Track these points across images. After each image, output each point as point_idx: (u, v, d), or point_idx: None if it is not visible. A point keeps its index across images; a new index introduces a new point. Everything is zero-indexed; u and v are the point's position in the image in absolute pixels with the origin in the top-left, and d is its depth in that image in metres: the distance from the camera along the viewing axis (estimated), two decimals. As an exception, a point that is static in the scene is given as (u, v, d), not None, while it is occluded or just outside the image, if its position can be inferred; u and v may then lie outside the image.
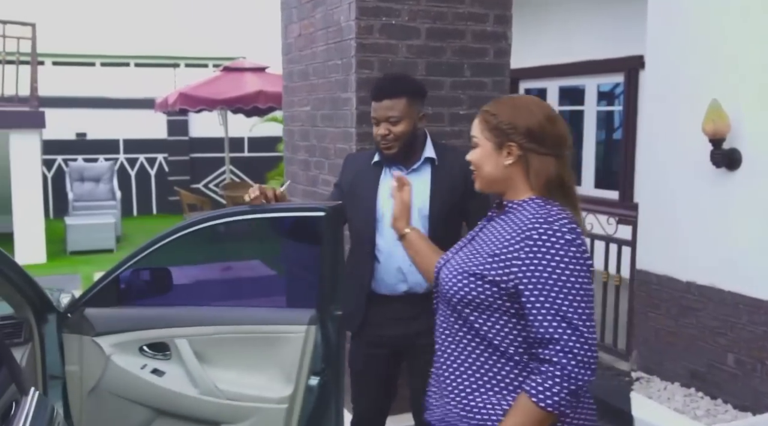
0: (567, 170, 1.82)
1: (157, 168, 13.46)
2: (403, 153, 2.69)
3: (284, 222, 2.74)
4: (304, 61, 4.14)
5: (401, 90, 2.65)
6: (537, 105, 1.84)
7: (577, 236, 1.71)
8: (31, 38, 9.19)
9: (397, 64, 3.61)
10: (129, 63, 13.35)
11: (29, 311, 2.92)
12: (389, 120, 2.64)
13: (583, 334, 1.64)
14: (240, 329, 2.72)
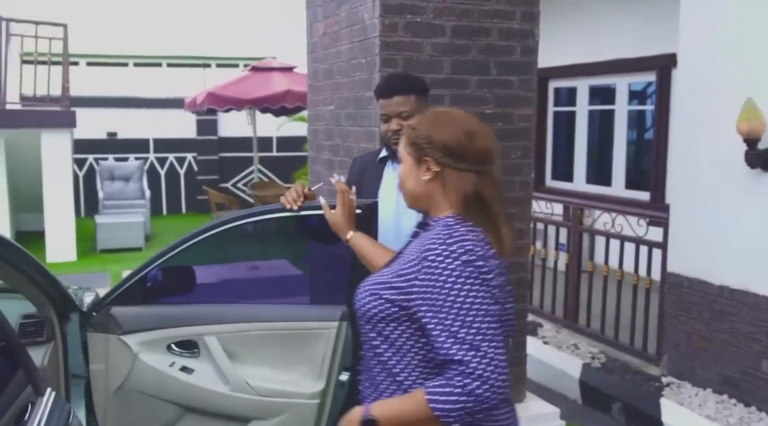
0: (489, 187, 1.76)
1: (186, 167, 13.55)
2: None
3: (315, 220, 2.72)
4: (329, 59, 4.11)
5: (411, 87, 2.75)
6: (458, 119, 1.80)
7: (478, 257, 1.66)
8: (62, 39, 9.27)
9: (422, 63, 3.56)
10: (161, 63, 13.48)
11: (51, 310, 2.93)
12: (401, 115, 2.70)
13: (486, 354, 1.60)
14: (270, 326, 2.72)
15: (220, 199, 11.07)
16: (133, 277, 2.93)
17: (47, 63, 9.16)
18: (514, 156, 3.81)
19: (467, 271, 1.64)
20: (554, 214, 6.29)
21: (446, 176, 1.75)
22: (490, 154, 1.77)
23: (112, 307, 2.89)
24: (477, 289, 1.64)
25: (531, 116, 3.84)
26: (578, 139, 8.56)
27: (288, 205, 2.62)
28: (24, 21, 9.07)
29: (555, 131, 9.02)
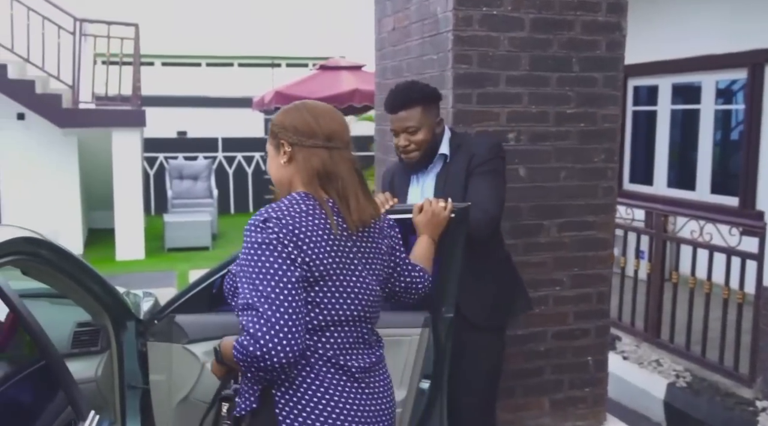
0: (340, 162, 1.86)
1: (254, 166, 13.58)
2: (424, 160, 2.81)
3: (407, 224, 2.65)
4: (398, 56, 3.89)
5: (414, 99, 2.72)
6: (307, 105, 1.92)
7: (275, 225, 1.74)
8: (134, 38, 9.34)
9: (498, 59, 3.30)
10: (233, 63, 13.56)
11: (107, 318, 2.82)
12: (407, 130, 2.73)
13: (262, 315, 1.66)
14: None
15: (287, 199, 11.01)
16: (198, 284, 2.80)
17: (119, 63, 9.23)
18: (597, 159, 3.52)
19: (259, 238, 1.73)
20: (635, 220, 5.92)
21: (298, 155, 1.86)
22: (338, 133, 1.87)
23: (177, 315, 2.76)
24: (268, 254, 1.71)
25: (616, 116, 3.54)
26: (659, 140, 8.12)
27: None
28: (97, 21, 9.17)
29: (634, 131, 8.59)
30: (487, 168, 2.78)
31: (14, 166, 9.48)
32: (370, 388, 1.87)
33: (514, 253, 3.34)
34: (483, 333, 2.84)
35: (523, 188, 3.40)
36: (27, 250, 2.20)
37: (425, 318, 2.63)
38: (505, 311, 2.96)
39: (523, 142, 3.39)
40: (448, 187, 2.76)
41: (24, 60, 8.99)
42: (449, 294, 2.62)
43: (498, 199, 2.78)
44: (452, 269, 2.59)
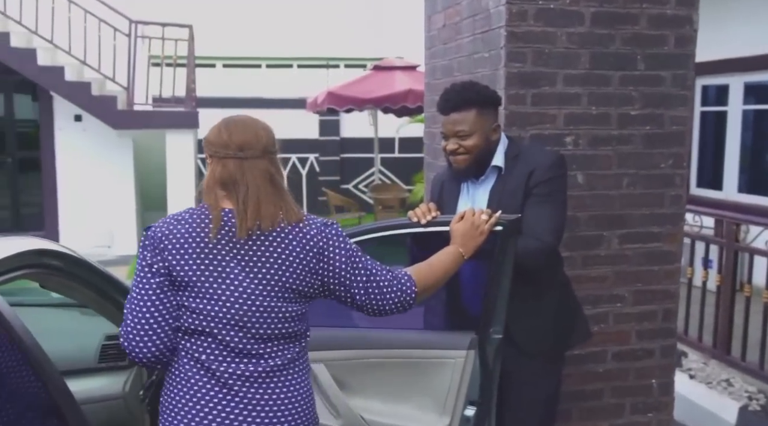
0: (250, 170, 1.90)
1: (308, 168, 13.50)
2: (474, 167, 2.58)
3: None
4: (449, 54, 3.67)
5: (469, 101, 2.51)
6: (225, 120, 1.99)
7: (149, 236, 1.88)
8: (188, 40, 9.33)
9: (555, 56, 3.05)
10: (292, 65, 13.51)
11: None
12: (458, 134, 2.53)
13: (126, 317, 1.86)
14: (387, 354, 2.49)
15: (339, 201, 10.89)
16: None
17: (173, 65, 9.23)
18: (664, 165, 3.23)
19: (140, 253, 1.89)
20: (703, 227, 5.56)
21: (213, 166, 1.94)
22: (249, 143, 1.92)
23: None
24: (138, 262, 1.88)
25: (686, 118, 3.25)
26: (729, 142, 7.68)
27: (416, 218, 2.42)
28: (151, 23, 9.19)
29: (702, 133, 8.16)
30: (547, 189, 2.53)
31: (71, 167, 9.60)
32: (247, 399, 1.85)
33: (572, 267, 3.10)
34: (537, 361, 2.61)
35: (582, 196, 3.14)
36: (39, 263, 2.07)
37: (471, 339, 2.45)
38: (561, 342, 2.71)
39: (581, 147, 3.13)
40: (503, 205, 2.52)
41: (81, 62, 9.07)
42: (498, 314, 2.43)
43: (555, 228, 2.55)
44: (501, 287, 2.39)
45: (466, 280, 2.65)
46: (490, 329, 2.44)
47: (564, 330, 2.69)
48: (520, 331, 2.52)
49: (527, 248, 2.43)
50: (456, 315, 2.72)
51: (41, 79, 9.00)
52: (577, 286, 3.11)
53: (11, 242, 1.98)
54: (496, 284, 2.39)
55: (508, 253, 2.36)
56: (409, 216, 2.45)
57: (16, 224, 9.88)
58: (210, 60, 13.02)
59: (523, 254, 2.40)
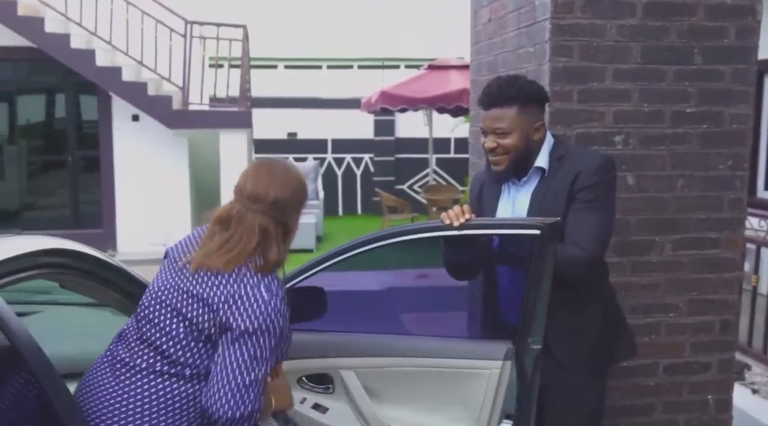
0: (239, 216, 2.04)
1: (362, 168, 13.46)
2: (513, 169, 2.42)
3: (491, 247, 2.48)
4: (494, 50, 3.52)
5: (511, 97, 2.35)
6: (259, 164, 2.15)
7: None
8: (242, 40, 9.37)
9: (604, 50, 2.88)
10: (352, 65, 13.50)
11: None
12: (496, 132, 2.37)
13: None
14: (419, 362, 2.39)
15: (392, 202, 10.80)
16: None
17: (228, 65, 9.28)
18: (723, 166, 3.02)
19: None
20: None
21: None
22: (258, 197, 2.04)
23: None
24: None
25: (747, 116, 3.03)
26: (800, 142, 7.30)
27: (448, 221, 2.28)
28: (207, 23, 9.26)
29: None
30: (593, 194, 2.35)
31: (129, 166, 9.74)
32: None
33: (620, 273, 2.93)
34: (579, 376, 2.44)
35: (632, 199, 2.96)
36: (52, 263, 2.02)
37: (508, 349, 2.32)
38: (603, 357, 2.53)
39: (632, 146, 2.94)
40: (546, 209, 2.37)
41: (138, 63, 9.19)
42: (537, 323, 2.29)
43: (600, 237, 2.36)
44: (541, 294, 2.25)
45: (504, 288, 2.51)
46: (528, 339, 2.30)
47: (607, 345, 2.52)
48: (559, 345, 2.37)
49: (569, 257, 2.27)
50: (493, 323, 2.58)
51: (99, 80, 9.15)
52: (627, 293, 2.94)
53: (22, 241, 1.93)
54: (534, 291, 2.26)
55: (548, 258, 2.22)
56: (442, 218, 2.32)
57: (76, 222, 10.08)
58: (272, 61, 13.15)
59: (564, 263, 2.25)
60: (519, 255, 2.38)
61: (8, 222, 10.02)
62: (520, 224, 2.31)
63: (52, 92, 10.21)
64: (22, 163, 10.15)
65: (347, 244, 2.46)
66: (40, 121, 10.45)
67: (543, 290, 2.24)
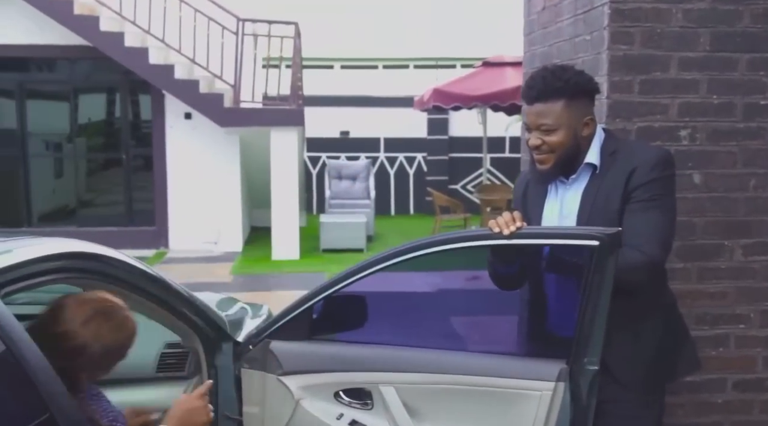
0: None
1: (415, 167, 13.29)
2: (559, 168, 2.21)
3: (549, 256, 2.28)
4: (548, 40, 3.32)
5: (556, 89, 2.14)
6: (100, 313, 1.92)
7: None
8: (293, 37, 9.30)
9: (668, 37, 2.65)
10: (408, 65, 13.38)
11: (197, 340, 2.50)
12: (541, 128, 2.17)
13: None
14: (463, 380, 2.21)
15: (444, 202, 10.61)
16: (297, 307, 2.43)
17: (278, 65, 9.23)
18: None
19: None
20: None
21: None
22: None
23: (272, 342, 2.42)
24: None
25: (829, 109, 2.76)
26: None
27: (497, 229, 2.07)
28: (258, 21, 9.21)
29: None
30: (651, 192, 2.13)
31: (181, 164, 9.79)
32: None
33: (685, 280, 2.70)
34: (637, 392, 2.22)
35: (699, 199, 2.72)
36: (71, 267, 1.90)
37: (561, 370, 2.12)
38: (664, 373, 2.30)
39: (699, 142, 2.71)
40: (598, 209, 2.16)
41: (190, 61, 9.20)
42: (593, 342, 2.07)
43: (662, 239, 2.14)
44: (599, 312, 2.04)
45: (553, 297, 2.31)
46: (584, 359, 2.10)
47: (668, 358, 2.29)
48: (614, 358, 2.15)
49: (628, 261, 2.05)
50: (541, 336, 2.38)
51: (152, 77, 9.20)
52: (692, 302, 2.72)
53: (38, 245, 1.81)
54: (592, 308, 2.04)
55: (607, 272, 2.00)
56: (490, 226, 2.11)
57: (129, 220, 10.17)
58: (329, 61, 13.13)
59: (623, 268, 2.03)
60: (568, 264, 2.18)
61: (65, 219, 10.18)
62: (577, 234, 2.09)
63: (107, 91, 10.33)
64: (79, 161, 10.29)
65: (384, 253, 2.29)
66: (95, 119, 10.59)
67: (601, 307, 2.04)
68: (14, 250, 1.69)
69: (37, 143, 10.09)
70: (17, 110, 9.88)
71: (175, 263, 9.23)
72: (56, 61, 9.90)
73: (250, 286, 8.00)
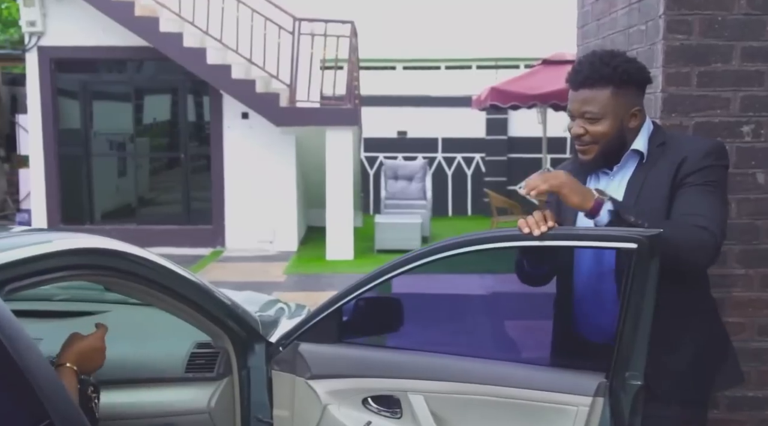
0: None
1: (473, 168, 13.10)
2: (603, 159, 2.09)
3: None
4: (602, 32, 3.14)
5: (604, 76, 2.02)
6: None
7: None
8: (349, 36, 9.24)
9: (730, 26, 2.46)
10: (471, 66, 13.25)
11: (227, 341, 2.44)
12: (585, 116, 2.05)
13: None
14: (494, 391, 2.08)
15: (501, 203, 10.41)
16: (325, 308, 2.34)
17: (333, 67, 9.19)
18: None
19: None
20: None
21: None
22: None
23: (301, 344, 2.34)
24: None
25: None
26: None
27: (527, 229, 1.93)
28: (314, 20, 9.19)
29: None
30: (707, 179, 1.97)
31: (238, 164, 9.85)
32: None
33: (747, 288, 2.52)
34: (674, 406, 2.04)
35: (763, 200, 2.52)
36: (87, 263, 1.84)
37: (600, 384, 1.96)
38: (702, 384, 2.12)
39: (764, 138, 2.51)
40: (644, 199, 2.00)
41: (247, 61, 9.24)
42: (636, 355, 1.90)
43: (720, 219, 1.96)
44: (641, 321, 1.87)
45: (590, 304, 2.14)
46: (626, 373, 1.93)
47: (708, 370, 2.10)
48: (651, 368, 1.96)
49: (692, 236, 1.87)
50: (578, 349, 2.20)
51: (210, 77, 9.27)
52: (755, 312, 2.53)
53: (51, 240, 1.76)
54: (633, 317, 1.88)
55: (648, 278, 1.83)
56: (520, 226, 1.97)
57: (187, 218, 10.28)
58: (391, 62, 13.11)
59: (685, 245, 1.86)
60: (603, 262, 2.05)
61: (126, 217, 10.36)
62: (613, 236, 1.91)
63: (167, 91, 10.46)
64: (139, 160, 10.47)
65: (410, 255, 2.19)
66: (155, 119, 10.75)
67: (644, 315, 1.87)
68: (23, 247, 1.64)
69: (101, 143, 10.30)
70: (81, 110, 10.11)
71: (231, 262, 9.29)
72: (118, 62, 10.06)
73: (302, 286, 7.99)
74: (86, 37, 9.50)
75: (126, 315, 2.93)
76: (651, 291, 1.83)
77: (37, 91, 9.82)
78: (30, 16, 9.51)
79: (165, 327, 2.85)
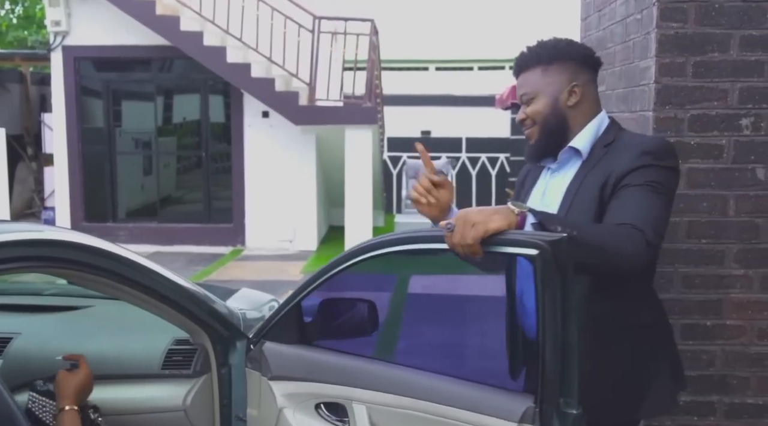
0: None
1: (498, 168, 12.96)
2: (545, 141, 1.97)
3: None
4: (602, 23, 3.03)
5: (533, 57, 1.98)
6: None
7: None
8: (369, 35, 9.18)
9: (728, 13, 2.34)
10: (504, 66, 13.22)
11: (206, 337, 2.38)
12: (523, 100, 2.01)
13: None
14: (429, 408, 1.86)
15: (523, 203, 10.27)
16: (285, 305, 2.25)
17: (353, 68, 9.14)
18: None
19: None
20: None
21: None
22: None
23: (266, 342, 2.26)
24: None
25: None
26: None
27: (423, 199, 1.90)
28: (334, 18, 9.15)
29: None
30: (644, 179, 1.78)
31: (259, 162, 9.85)
32: None
33: (746, 289, 2.39)
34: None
35: (763, 197, 2.39)
36: (44, 255, 1.79)
37: (527, 410, 1.65)
38: (635, 408, 1.91)
39: (764, 132, 2.38)
40: (578, 202, 1.86)
41: (267, 59, 9.23)
42: (567, 378, 1.62)
43: (657, 221, 1.75)
44: (565, 338, 1.59)
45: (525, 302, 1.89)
46: (559, 400, 1.64)
47: (642, 392, 1.90)
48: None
49: (616, 235, 1.69)
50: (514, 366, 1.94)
51: (230, 76, 9.27)
52: (754, 314, 2.41)
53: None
54: (551, 335, 1.59)
55: (559, 290, 1.56)
56: (412, 190, 1.91)
57: (208, 217, 10.31)
58: (423, 63, 13.09)
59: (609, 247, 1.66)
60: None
61: (148, 215, 10.41)
62: (511, 240, 1.61)
63: (188, 90, 10.49)
64: (161, 158, 10.52)
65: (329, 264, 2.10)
66: (177, 117, 10.80)
67: (566, 332, 1.59)
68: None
69: (123, 141, 10.37)
70: (104, 109, 10.19)
71: (250, 260, 9.28)
72: (141, 61, 10.13)
73: (318, 285, 7.94)
74: (109, 37, 9.58)
75: (109, 310, 2.90)
76: (566, 304, 1.57)
77: (62, 89, 9.94)
78: (55, 15, 9.62)
79: (146, 323, 2.81)
